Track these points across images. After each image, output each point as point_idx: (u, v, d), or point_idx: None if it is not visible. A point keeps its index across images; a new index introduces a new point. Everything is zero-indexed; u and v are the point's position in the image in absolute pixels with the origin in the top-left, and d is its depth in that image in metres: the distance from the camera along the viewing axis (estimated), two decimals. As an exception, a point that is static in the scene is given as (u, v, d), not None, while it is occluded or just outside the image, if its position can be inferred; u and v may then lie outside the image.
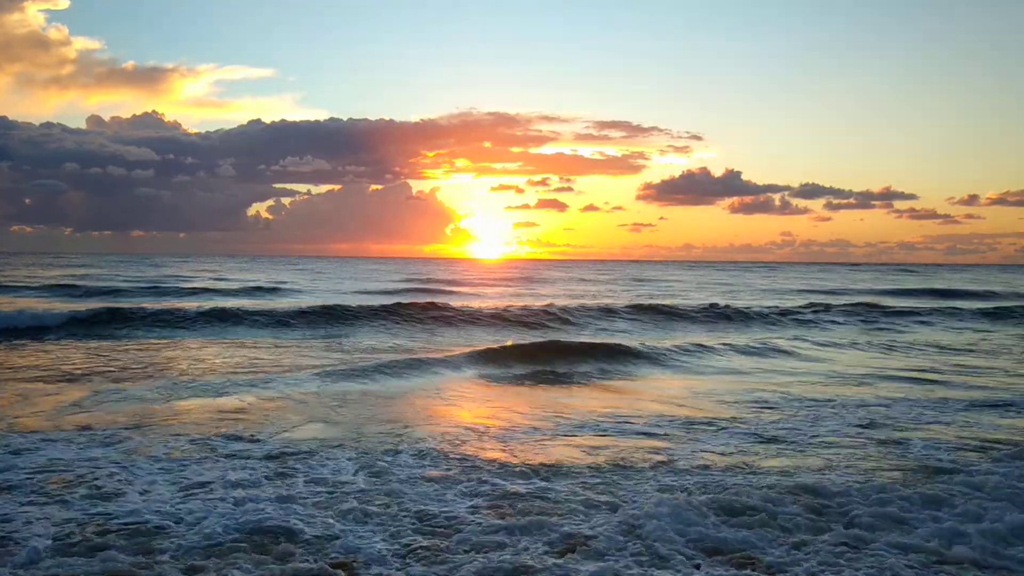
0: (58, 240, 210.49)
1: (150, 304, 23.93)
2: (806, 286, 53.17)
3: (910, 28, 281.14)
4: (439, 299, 29.21)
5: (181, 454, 7.60)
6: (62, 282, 35.62)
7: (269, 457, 7.56)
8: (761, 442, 8.62)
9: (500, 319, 23.61)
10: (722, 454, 8.03)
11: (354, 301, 27.36)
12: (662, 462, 7.64)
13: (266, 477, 6.88)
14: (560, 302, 29.48)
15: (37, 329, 18.08)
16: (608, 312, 26.01)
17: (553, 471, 7.25)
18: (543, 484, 6.80)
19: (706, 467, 7.48)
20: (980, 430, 9.34)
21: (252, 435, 8.45)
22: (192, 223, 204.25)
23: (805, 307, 29.97)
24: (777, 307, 29.57)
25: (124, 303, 24.17)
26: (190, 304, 24.58)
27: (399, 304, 24.79)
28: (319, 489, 6.58)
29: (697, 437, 8.83)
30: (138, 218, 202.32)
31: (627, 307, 27.17)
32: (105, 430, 8.48)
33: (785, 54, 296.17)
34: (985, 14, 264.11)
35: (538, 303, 29.02)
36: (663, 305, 28.18)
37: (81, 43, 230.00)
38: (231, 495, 6.33)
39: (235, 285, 38.96)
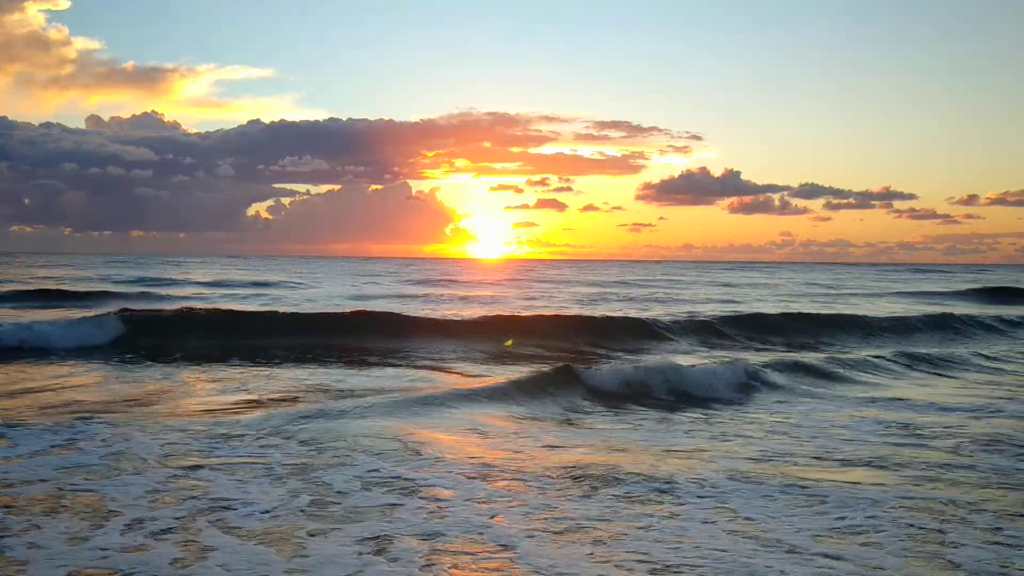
0: (57, 240, 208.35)
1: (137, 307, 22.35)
2: (880, 288, 47.93)
3: (909, 28, 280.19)
4: (475, 306, 26.80)
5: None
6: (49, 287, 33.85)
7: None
8: None
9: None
10: None
11: (401, 308, 23.98)
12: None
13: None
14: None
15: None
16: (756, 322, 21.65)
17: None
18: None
19: None
20: None
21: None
22: (192, 223, 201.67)
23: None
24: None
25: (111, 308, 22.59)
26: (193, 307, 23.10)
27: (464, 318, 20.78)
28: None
29: None
30: (138, 218, 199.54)
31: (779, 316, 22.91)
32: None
33: (785, 54, 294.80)
34: (985, 14, 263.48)
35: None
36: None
37: (81, 43, 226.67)
38: None
39: (244, 290, 35.91)
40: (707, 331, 20.09)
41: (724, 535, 5.55)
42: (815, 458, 7.84)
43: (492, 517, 5.83)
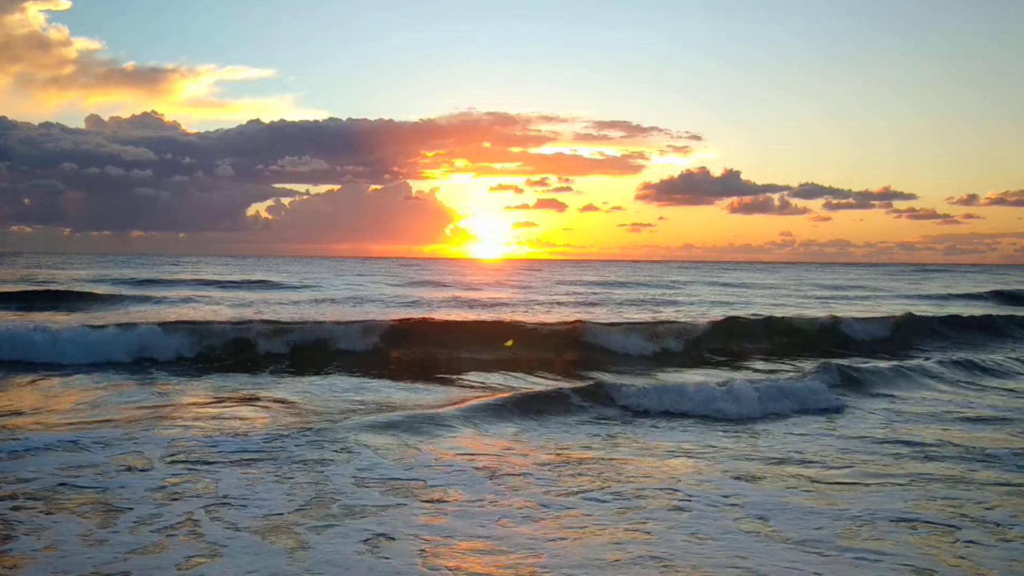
0: (57, 240, 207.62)
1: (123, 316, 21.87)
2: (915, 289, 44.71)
3: (909, 28, 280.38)
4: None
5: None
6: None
7: None
8: None
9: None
10: None
11: (409, 312, 23.29)
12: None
13: None
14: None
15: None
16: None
17: None
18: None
19: None
20: None
21: None
22: (191, 223, 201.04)
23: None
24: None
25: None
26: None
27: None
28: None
29: None
30: (137, 218, 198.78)
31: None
32: None
33: (784, 54, 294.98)
34: (985, 14, 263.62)
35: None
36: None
37: (81, 43, 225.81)
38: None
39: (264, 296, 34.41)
40: (728, 336, 19.35)
41: (741, 536, 5.51)
42: (833, 462, 7.85)
43: (498, 520, 5.78)
